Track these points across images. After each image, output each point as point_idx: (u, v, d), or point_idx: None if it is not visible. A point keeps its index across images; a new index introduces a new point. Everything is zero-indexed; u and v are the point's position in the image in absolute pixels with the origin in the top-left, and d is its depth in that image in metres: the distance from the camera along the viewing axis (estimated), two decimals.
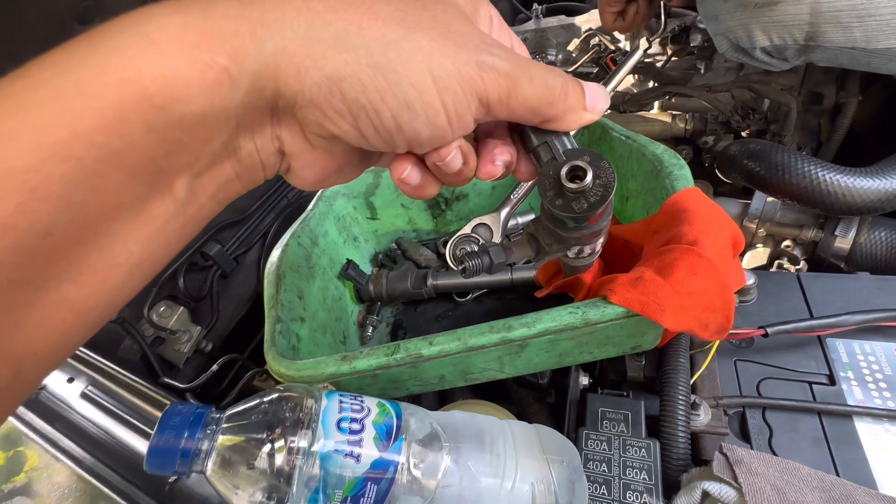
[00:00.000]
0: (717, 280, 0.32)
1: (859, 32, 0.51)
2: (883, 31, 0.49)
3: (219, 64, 0.18)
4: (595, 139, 0.55)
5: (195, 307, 0.70)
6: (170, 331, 0.63)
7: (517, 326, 0.34)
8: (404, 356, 0.35)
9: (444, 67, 0.20)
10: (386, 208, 0.62)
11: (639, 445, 0.40)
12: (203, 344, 0.67)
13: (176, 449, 0.28)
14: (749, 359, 0.49)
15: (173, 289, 0.68)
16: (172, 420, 0.28)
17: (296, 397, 0.32)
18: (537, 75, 0.22)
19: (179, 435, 0.28)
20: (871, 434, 0.42)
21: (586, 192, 0.24)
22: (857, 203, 0.54)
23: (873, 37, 0.50)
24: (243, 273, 0.78)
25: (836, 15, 0.51)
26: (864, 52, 0.52)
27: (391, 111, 0.20)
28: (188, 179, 0.20)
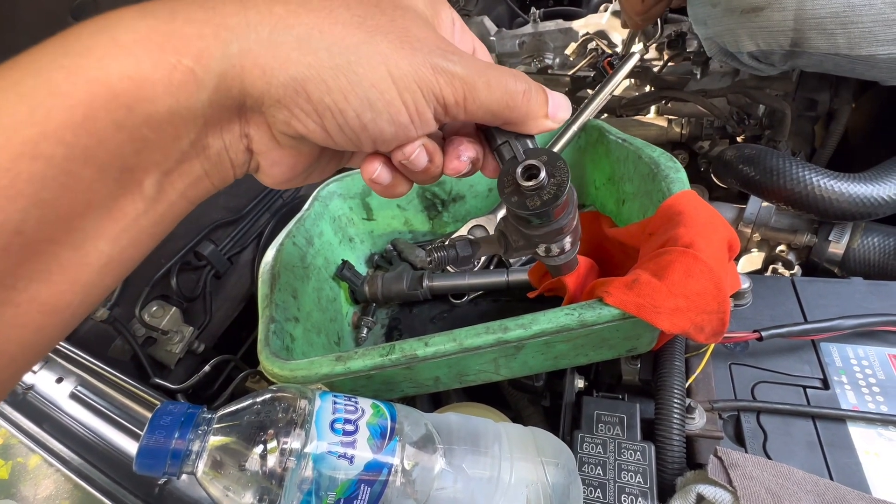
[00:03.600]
0: (713, 282, 0.32)
1: (842, 39, 0.51)
2: (865, 38, 0.50)
3: (184, 65, 0.18)
4: (592, 142, 0.55)
5: (188, 307, 0.70)
6: (161, 331, 0.62)
7: (513, 328, 0.34)
8: (399, 357, 0.34)
9: (401, 68, 0.20)
10: (382, 209, 0.61)
11: (634, 448, 0.40)
12: (195, 345, 0.66)
13: (166, 449, 0.27)
14: (744, 362, 0.49)
15: (166, 288, 0.67)
16: (163, 420, 0.28)
17: (289, 398, 0.31)
18: (496, 80, 0.23)
19: (170, 435, 0.28)
20: (864, 438, 0.42)
21: (540, 190, 0.25)
22: (850, 208, 0.55)
23: (856, 44, 0.51)
24: (237, 273, 0.77)
25: (820, 22, 0.51)
26: (847, 58, 0.53)
27: (355, 110, 0.21)
28: (157, 177, 0.20)
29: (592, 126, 0.54)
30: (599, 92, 0.53)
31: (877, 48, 0.51)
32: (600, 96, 0.53)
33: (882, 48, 0.51)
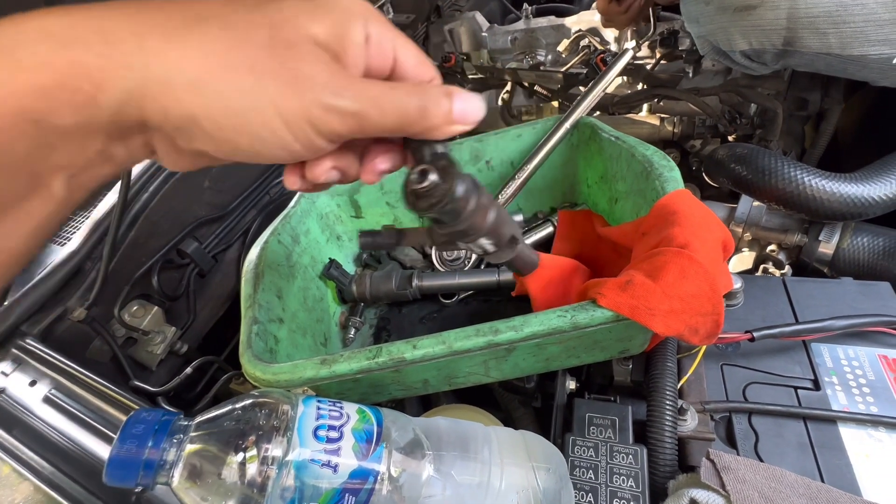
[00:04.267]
0: (708, 284, 0.31)
1: (834, 39, 0.51)
2: (857, 38, 0.50)
3: (85, 90, 0.20)
4: (585, 139, 0.54)
5: (170, 307, 0.68)
6: (142, 331, 0.60)
7: (504, 330, 0.33)
8: (387, 360, 0.33)
9: (291, 110, 0.22)
10: (371, 207, 0.60)
11: (626, 452, 0.39)
12: (178, 345, 0.64)
13: (138, 459, 0.26)
14: (735, 363, 0.49)
15: (147, 287, 0.65)
16: (136, 428, 0.26)
17: (271, 403, 0.30)
18: (389, 105, 0.23)
19: (143, 444, 0.26)
20: (855, 439, 0.42)
21: (430, 194, 0.26)
22: (841, 209, 0.55)
23: (847, 43, 0.51)
24: (222, 272, 0.75)
25: (813, 21, 0.51)
26: (839, 58, 0.53)
27: (248, 143, 0.22)
28: (65, 180, 0.22)
29: (585, 123, 0.54)
30: (592, 89, 0.52)
31: (868, 48, 0.51)
32: (593, 93, 0.52)
33: (873, 48, 0.50)
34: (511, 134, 0.57)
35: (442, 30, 1.09)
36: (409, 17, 1.06)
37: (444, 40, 1.11)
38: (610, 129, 0.50)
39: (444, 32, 1.09)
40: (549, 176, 0.58)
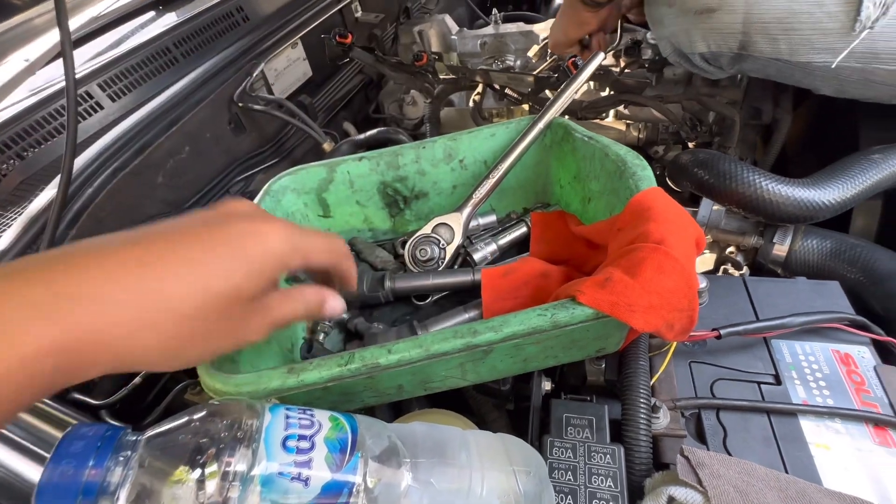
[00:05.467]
0: (685, 280, 0.31)
1: (784, 45, 0.54)
2: (804, 44, 0.54)
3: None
4: (557, 140, 0.55)
5: None
6: None
7: (483, 331, 0.32)
8: (360, 366, 0.31)
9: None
10: (340, 206, 0.58)
11: (604, 452, 0.39)
12: None
13: (76, 483, 0.23)
14: (703, 360, 0.50)
15: None
16: (73, 446, 0.23)
17: (233, 413, 0.28)
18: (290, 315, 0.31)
19: (82, 464, 0.23)
20: (814, 431, 0.43)
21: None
22: (795, 212, 0.58)
23: (796, 50, 0.54)
24: None
25: (766, 26, 0.54)
26: (788, 64, 0.56)
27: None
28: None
29: (558, 124, 0.54)
30: (564, 90, 0.53)
31: (813, 55, 0.54)
32: (565, 94, 0.52)
33: (817, 56, 0.54)
34: (485, 133, 0.56)
35: (411, 31, 1.08)
36: (378, 16, 1.04)
37: (414, 41, 1.10)
38: (583, 129, 0.50)
39: (414, 34, 1.08)
40: (521, 176, 0.58)
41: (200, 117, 0.70)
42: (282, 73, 0.86)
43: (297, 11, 0.90)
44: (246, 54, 0.79)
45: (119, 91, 0.70)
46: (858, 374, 0.47)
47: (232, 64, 0.77)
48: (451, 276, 0.51)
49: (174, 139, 0.67)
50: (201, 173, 0.73)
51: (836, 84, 0.58)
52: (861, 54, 0.52)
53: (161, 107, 0.67)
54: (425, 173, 0.57)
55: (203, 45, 0.79)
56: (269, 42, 0.82)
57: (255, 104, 0.76)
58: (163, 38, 0.74)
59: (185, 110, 0.68)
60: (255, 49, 0.80)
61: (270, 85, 0.84)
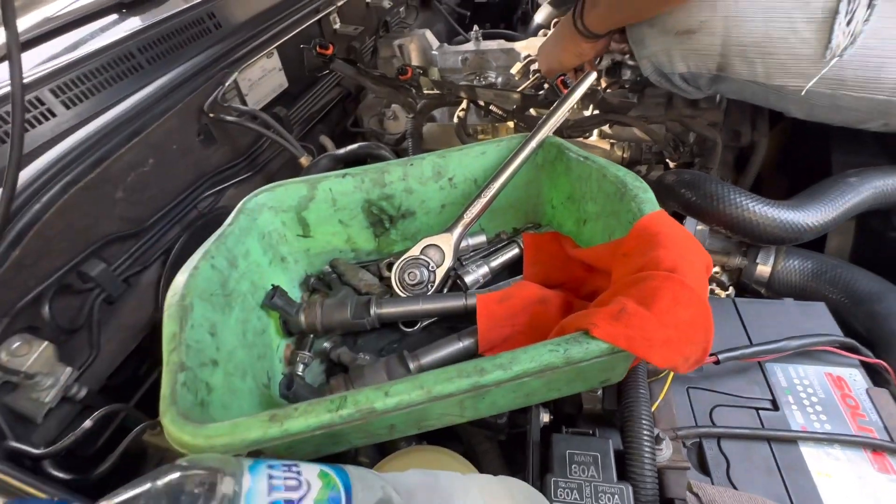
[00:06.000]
0: (702, 311, 0.30)
1: (760, 68, 0.56)
2: (778, 69, 0.55)
3: None
4: (550, 160, 0.53)
5: (66, 341, 0.56)
6: (25, 374, 0.48)
7: (491, 369, 0.29)
8: (353, 412, 0.28)
9: None
10: (321, 225, 0.54)
11: (611, 492, 0.36)
12: (74, 389, 0.52)
13: None
14: (700, 386, 0.49)
15: (34, 319, 0.53)
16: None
17: (204, 475, 0.23)
18: None
19: None
20: (815, 459, 0.43)
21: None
22: (780, 233, 0.58)
23: (771, 74, 0.56)
24: (136, 297, 0.64)
25: (743, 49, 0.56)
26: (763, 86, 0.58)
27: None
28: None
29: (551, 143, 0.52)
30: (557, 108, 0.52)
31: (787, 80, 0.56)
32: (559, 112, 0.51)
33: (791, 80, 0.55)
34: (475, 151, 0.54)
35: (391, 44, 1.07)
36: (358, 28, 1.02)
37: (394, 55, 1.08)
38: (578, 149, 0.49)
39: (394, 47, 1.06)
40: (511, 196, 0.56)
41: (167, 128, 0.65)
42: (256, 84, 0.82)
43: (274, 20, 0.86)
44: (217, 62, 0.74)
45: (74, 97, 0.64)
46: (852, 398, 0.47)
47: (202, 72, 0.72)
48: (441, 301, 0.48)
49: (136, 151, 0.61)
50: (166, 188, 0.67)
51: (807, 108, 0.59)
52: (830, 80, 0.54)
53: (123, 115, 0.61)
54: (413, 191, 0.54)
55: (171, 51, 0.74)
56: (243, 51, 0.78)
57: (227, 115, 0.72)
58: (126, 42, 0.69)
59: (150, 120, 0.63)
60: (227, 57, 0.76)
61: (244, 95, 0.80)
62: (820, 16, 0.51)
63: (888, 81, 0.53)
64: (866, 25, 0.50)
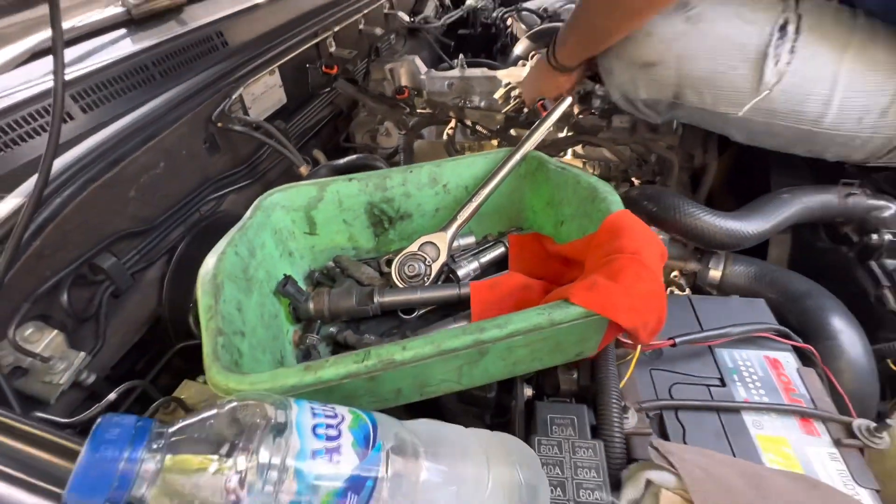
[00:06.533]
0: (658, 285, 0.37)
1: (708, 98, 0.66)
2: (722, 99, 0.66)
3: None
4: (532, 171, 0.61)
5: (74, 330, 0.58)
6: (41, 357, 0.51)
7: (489, 328, 0.35)
8: (376, 363, 0.33)
9: None
10: (327, 224, 0.60)
11: (586, 447, 0.43)
12: (84, 375, 0.55)
13: (112, 470, 0.23)
14: (661, 367, 0.56)
15: (46, 308, 0.56)
16: (109, 433, 0.23)
17: (259, 406, 0.28)
18: None
19: (118, 454, 0.23)
20: (755, 424, 0.50)
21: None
22: (725, 240, 0.68)
23: (716, 102, 0.66)
24: (141, 292, 0.67)
25: (694, 82, 0.66)
26: (710, 113, 0.68)
27: None
28: None
29: (532, 157, 0.60)
30: (538, 128, 0.60)
31: (729, 108, 0.66)
32: (539, 130, 0.59)
33: (732, 109, 0.66)
34: (466, 162, 0.61)
35: (383, 68, 1.15)
36: (352, 52, 1.10)
37: (385, 78, 1.16)
38: (555, 160, 0.57)
39: (385, 71, 1.14)
40: (498, 202, 0.63)
41: (178, 134, 0.70)
42: (258, 98, 0.88)
43: (276, 42, 0.93)
44: (224, 77, 0.80)
45: (92, 103, 0.68)
46: (786, 376, 0.55)
47: (210, 86, 0.77)
48: (437, 291, 0.54)
49: (150, 154, 0.66)
50: (174, 190, 0.71)
51: (747, 133, 0.70)
52: (764, 111, 0.64)
53: (138, 121, 0.66)
54: (411, 196, 0.61)
55: (182, 65, 0.79)
56: (248, 68, 0.84)
57: (233, 125, 0.77)
58: (141, 55, 0.74)
59: (163, 126, 0.68)
60: (234, 73, 0.82)
61: (247, 108, 0.85)
62: (753, 57, 0.61)
63: (809, 114, 0.64)
64: (789, 66, 0.61)
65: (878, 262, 0.66)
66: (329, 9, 1.10)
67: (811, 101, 0.63)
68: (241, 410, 0.28)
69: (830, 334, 0.62)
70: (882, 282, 0.64)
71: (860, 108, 0.62)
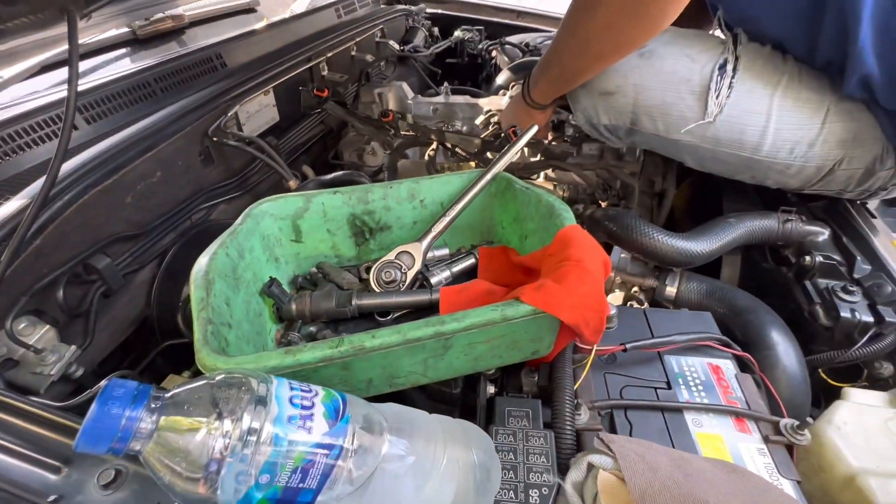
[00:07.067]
0: (597, 287, 0.43)
1: (661, 125, 0.74)
2: (673, 126, 0.73)
3: None
4: (501, 190, 0.67)
5: (64, 327, 0.61)
6: (34, 348, 0.54)
7: (449, 321, 0.40)
8: (348, 348, 0.38)
9: None
10: (312, 232, 0.64)
11: (538, 436, 0.47)
12: (73, 368, 0.58)
13: (116, 424, 0.27)
14: (613, 371, 0.61)
15: (39, 303, 0.59)
16: (116, 391, 0.27)
17: (243, 379, 0.33)
18: None
19: (123, 408, 0.27)
20: (694, 423, 0.55)
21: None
22: (677, 258, 0.74)
23: (669, 129, 0.74)
24: (129, 294, 0.71)
25: (648, 109, 0.74)
26: (665, 140, 0.76)
27: None
28: None
29: (502, 177, 0.67)
30: (507, 152, 0.66)
31: (679, 136, 0.74)
32: (507, 155, 0.66)
33: (683, 136, 0.74)
34: (442, 180, 0.67)
35: (372, 92, 1.22)
36: (343, 76, 1.17)
37: (374, 101, 1.23)
38: (521, 181, 0.63)
39: (375, 95, 1.22)
40: (470, 218, 0.69)
41: (175, 146, 0.75)
42: (253, 116, 0.94)
43: (272, 64, 0.99)
44: (222, 96, 0.86)
45: (96, 115, 0.73)
46: (725, 381, 0.61)
47: (208, 103, 0.83)
48: (411, 296, 0.59)
49: (148, 164, 0.70)
50: (168, 198, 0.76)
51: (697, 159, 0.77)
52: (710, 139, 0.72)
53: (138, 133, 0.71)
54: (390, 209, 0.66)
55: (183, 83, 0.85)
56: (244, 87, 0.90)
57: (227, 139, 0.82)
58: (144, 72, 0.80)
59: (162, 139, 0.73)
60: (230, 92, 0.88)
61: (241, 125, 0.91)
62: (698, 90, 0.69)
63: (748, 143, 0.72)
64: (729, 100, 0.69)
65: (811, 282, 0.73)
66: (323, 35, 1.18)
67: (749, 131, 0.71)
68: (228, 381, 0.32)
69: (768, 345, 0.68)
70: (814, 299, 0.71)
71: (792, 140, 0.70)
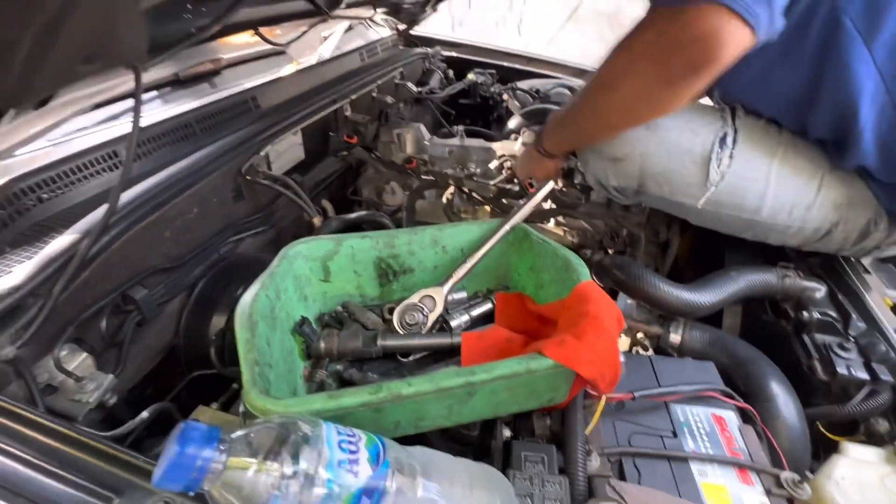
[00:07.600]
0: (612, 343, 0.46)
1: (666, 188, 0.79)
2: (677, 191, 0.79)
3: None
4: (518, 240, 0.72)
5: (99, 355, 0.64)
6: (76, 376, 0.57)
7: (479, 372, 0.43)
8: (387, 395, 0.41)
9: None
10: (340, 273, 0.68)
11: (554, 482, 0.50)
12: (108, 396, 0.61)
13: (192, 464, 0.30)
14: (622, 418, 0.64)
15: (82, 332, 0.62)
16: (193, 433, 0.31)
17: (294, 423, 0.36)
18: None
19: (200, 449, 0.30)
20: (700, 473, 0.58)
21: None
22: (682, 308, 0.78)
23: (673, 193, 0.79)
24: (160, 324, 0.74)
25: (654, 175, 0.79)
26: (669, 202, 0.81)
27: None
28: None
29: (519, 228, 0.71)
30: (525, 205, 0.71)
31: (683, 199, 0.79)
32: (525, 208, 0.71)
33: (686, 199, 0.79)
34: (463, 228, 0.72)
35: (391, 132, 1.28)
36: (365, 117, 1.24)
37: (392, 141, 1.29)
38: (538, 233, 0.68)
39: (393, 135, 1.28)
40: (487, 264, 0.73)
41: (212, 184, 0.80)
42: (281, 154, 0.99)
43: (300, 106, 1.06)
44: (256, 136, 0.92)
45: (142, 153, 0.78)
46: (728, 432, 0.64)
47: (243, 143, 0.89)
48: (433, 338, 0.63)
49: (188, 201, 0.75)
50: (202, 233, 0.80)
51: (700, 218, 0.83)
52: (713, 202, 0.77)
53: (180, 172, 0.76)
54: (414, 254, 0.71)
55: (220, 124, 0.91)
56: (276, 128, 0.96)
57: (259, 178, 0.87)
58: (186, 115, 0.85)
59: (201, 177, 0.78)
60: (263, 133, 0.93)
61: (270, 163, 0.96)
62: (700, 161, 0.75)
63: (749, 206, 0.77)
64: (730, 169, 0.75)
65: (809, 336, 0.77)
66: (348, 78, 1.26)
67: (749, 196, 0.76)
68: (285, 425, 0.35)
69: (768, 396, 0.71)
70: (812, 354, 0.75)
71: (790, 203, 0.75)
